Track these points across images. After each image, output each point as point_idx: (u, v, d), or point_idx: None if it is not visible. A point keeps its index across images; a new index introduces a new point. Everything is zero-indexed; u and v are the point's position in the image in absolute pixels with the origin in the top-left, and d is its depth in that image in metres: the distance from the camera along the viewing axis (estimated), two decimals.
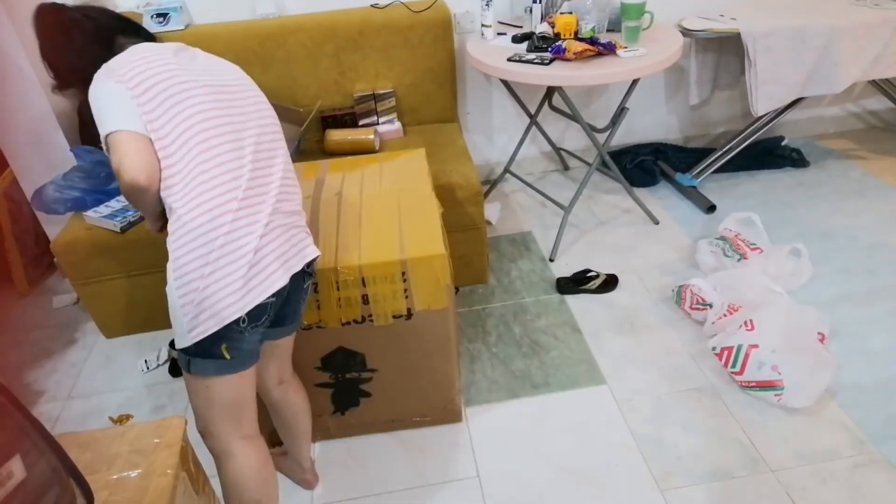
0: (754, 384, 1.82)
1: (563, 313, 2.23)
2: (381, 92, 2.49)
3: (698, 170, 2.79)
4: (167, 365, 2.17)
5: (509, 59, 2.21)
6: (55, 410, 2.05)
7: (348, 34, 2.43)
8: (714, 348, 1.94)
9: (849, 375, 1.88)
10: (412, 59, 2.50)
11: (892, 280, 2.24)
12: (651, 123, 3.08)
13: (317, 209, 1.72)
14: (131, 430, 1.25)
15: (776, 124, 2.75)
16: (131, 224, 2.10)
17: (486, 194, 2.92)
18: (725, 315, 2.00)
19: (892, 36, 2.44)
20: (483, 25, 2.43)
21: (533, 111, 2.72)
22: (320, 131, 2.49)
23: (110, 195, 2.18)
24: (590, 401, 1.89)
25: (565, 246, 2.58)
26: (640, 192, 2.84)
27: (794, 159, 2.96)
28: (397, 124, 2.52)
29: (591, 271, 2.35)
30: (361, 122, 2.51)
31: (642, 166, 2.94)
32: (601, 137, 2.51)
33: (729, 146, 2.79)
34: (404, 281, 1.55)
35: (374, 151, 2.34)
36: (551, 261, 2.50)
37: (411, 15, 2.43)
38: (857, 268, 2.31)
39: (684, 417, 1.81)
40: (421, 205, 1.72)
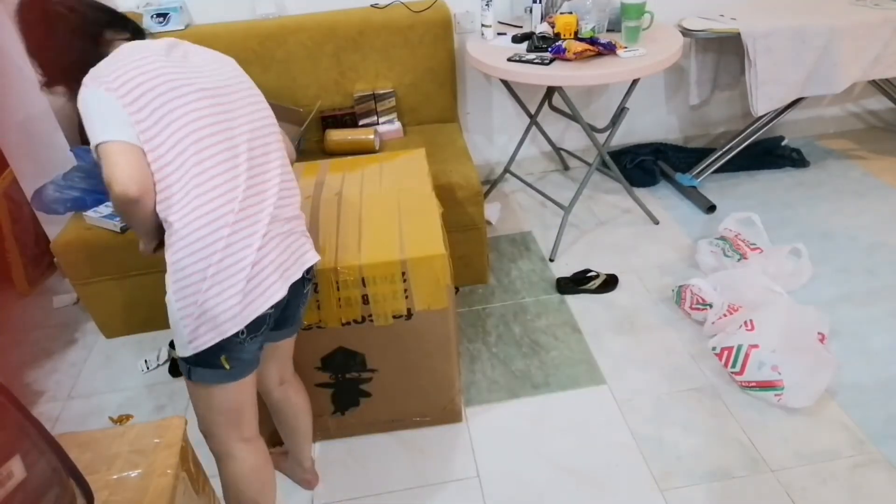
0: (754, 384, 1.82)
1: (563, 313, 2.23)
2: (381, 92, 2.49)
3: (698, 170, 2.79)
4: (167, 365, 2.17)
5: (509, 59, 2.21)
6: (55, 410, 2.05)
7: (348, 34, 2.43)
8: (714, 348, 1.94)
9: (849, 375, 1.88)
10: (412, 59, 2.50)
11: (892, 280, 2.24)
12: (651, 123, 3.08)
13: (317, 209, 1.73)
14: (131, 430, 1.26)
15: (776, 124, 2.75)
16: None
17: (486, 194, 2.92)
18: (725, 315, 2.00)
19: (892, 36, 2.44)
20: (483, 25, 2.43)
21: (533, 111, 2.72)
22: (320, 131, 2.49)
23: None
24: (590, 401, 1.89)
25: (565, 246, 2.58)
26: (640, 192, 2.84)
27: (794, 159, 2.96)
28: (397, 124, 2.52)
29: (591, 271, 2.35)
30: (361, 122, 2.51)
31: (642, 166, 2.94)
32: (601, 137, 2.51)
33: (729, 146, 2.79)
34: (404, 281, 1.55)
35: (374, 151, 2.34)
36: (551, 261, 2.50)
37: (411, 15, 2.43)
38: (857, 268, 2.31)
39: (684, 417, 1.81)
40: (421, 205, 1.72)
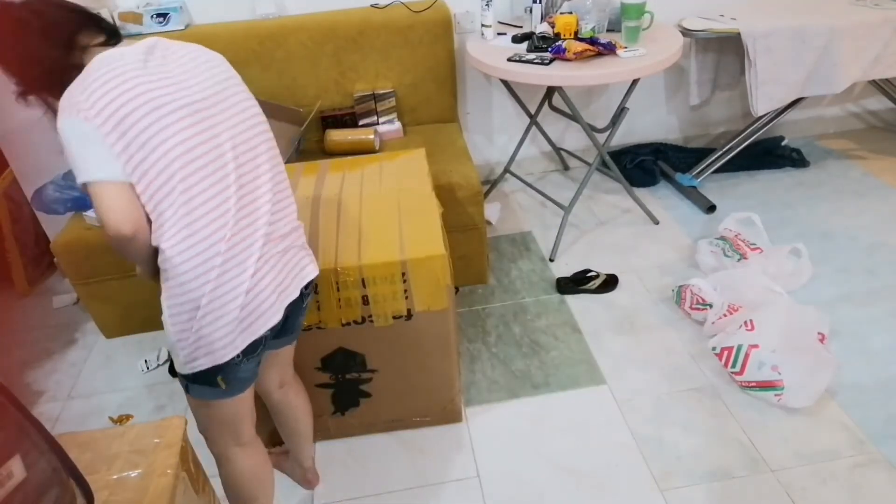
0: (754, 384, 1.82)
1: (563, 313, 2.23)
2: (381, 92, 2.49)
3: (698, 170, 2.79)
4: (167, 365, 2.17)
5: (509, 59, 2.20)
6: (55, 410, 2.05)
7: (348, 34, 2.42)
8: (714, 348, 1.94)
9: (849, 375, 1.88)
10: (412, 59, 2.50)
11: (892, 280, 2.24)
12: (651, 123, 3.08)
13: (317, 209, 1.73)
14: (131, 430, 1.25)
15: (776, 124, 2.75)
16: None
17: (486, 194, 2.92)
18: (725, 315, 2.00)
19: (892, 36, 2.44)
20: (483, 25, 2.43)
21: (533, 111, 2.72)
22: (320, 131, 2.49)
23: None
24: (590, 401, 1.89)
25: (565, 246, 2.58)
26: (640, 192, 2.84)
27: (794, 159, 2.96)
28: (397, 124, 2.52)
29: (591, 271, 2.35)
30: (361, 122, 2.51)
31: (642, 166, 2.94)
32: (601, 137, 2.51)
33: (729, 146, 2.79)
34: (404, 281, 1.55)
35: (374, 151, 2.34)
36: (551, 261, 2.50)
37: (411, 15, 2.43)
38: (857, 268, 2.31)
39: (684, 417, 1.81)
40: (421, 205, 1.71)
